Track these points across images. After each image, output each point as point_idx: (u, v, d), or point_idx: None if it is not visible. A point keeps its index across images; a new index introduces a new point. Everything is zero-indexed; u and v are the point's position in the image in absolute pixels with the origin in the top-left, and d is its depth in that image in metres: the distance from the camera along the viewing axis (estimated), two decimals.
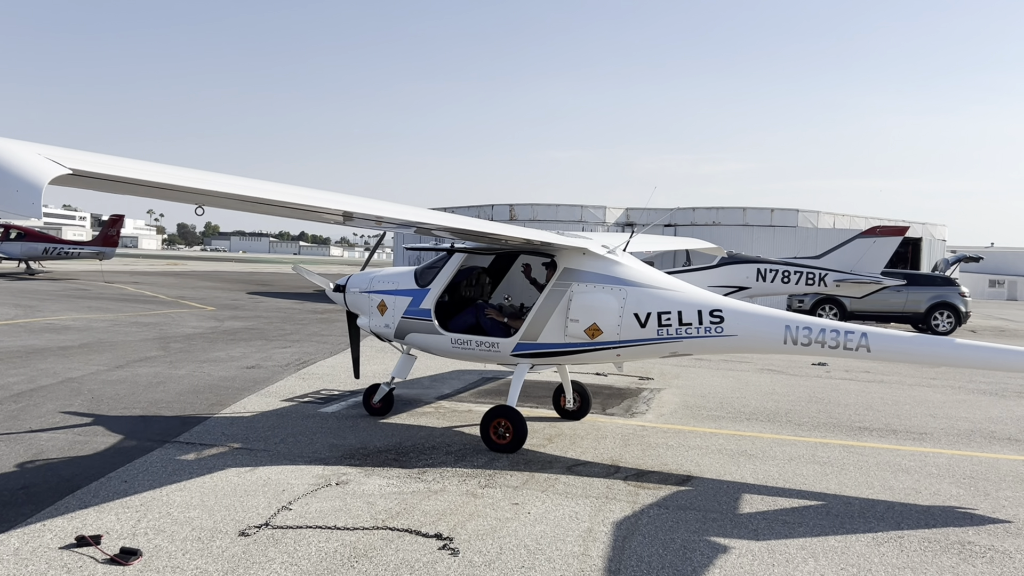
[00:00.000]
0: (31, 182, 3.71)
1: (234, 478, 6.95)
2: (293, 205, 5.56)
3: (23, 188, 3.69)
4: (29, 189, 3.70)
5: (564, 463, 7.82)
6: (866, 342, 7.45)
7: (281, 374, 12.58)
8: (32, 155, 3.91)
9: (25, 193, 3.68)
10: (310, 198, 5.79)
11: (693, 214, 33.68)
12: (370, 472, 7.29)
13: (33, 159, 3.86)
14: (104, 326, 18.65)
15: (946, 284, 26.90)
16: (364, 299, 9.49)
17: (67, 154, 4.08)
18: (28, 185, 3.70)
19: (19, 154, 3.86)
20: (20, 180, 3.70)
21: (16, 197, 3.69)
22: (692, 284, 8.53)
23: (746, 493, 7.03)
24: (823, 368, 15.47)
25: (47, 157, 3.94)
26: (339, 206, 6.07)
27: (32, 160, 3.85)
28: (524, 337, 8.41)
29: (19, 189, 3.70)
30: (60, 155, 4.03)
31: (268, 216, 7.05)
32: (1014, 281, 71.39)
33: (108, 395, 10.40)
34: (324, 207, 5.93)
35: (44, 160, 3.90)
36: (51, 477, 6.83)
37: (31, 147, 4.02)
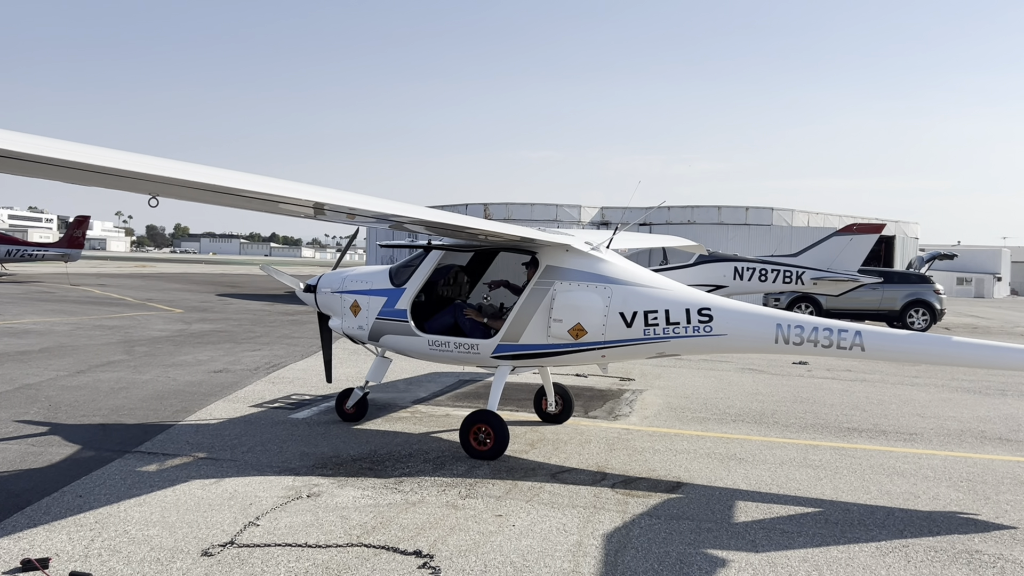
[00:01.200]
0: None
1: (198, 491, 6.51)
2: (257, 195, 5.09)
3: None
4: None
5: (548, 470, 7.46)
6: (860, 341, 7.16)
7: (250, 378, 12.11)
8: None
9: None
10: (276, 187, 5.30)
11: (668, 213, 33.49)
12: (343, 483, 6.88)
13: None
14: (67, 329, 18.03)
15: (921, 282, 26.89)
16: (336, 299, 9.07)
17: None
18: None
19: None
20: None
21: None
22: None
23: (739, 500, 6.71)
24: (804, 367, 15.25)
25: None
26: (309, 196, 5.65)
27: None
28: (505, 338, 8.04)
29: None
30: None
31: (238, 216, 6.60)
32: (981, 279, 72.12)
33: (66, 402, 9.89)
34: (292, 197, 5.50)
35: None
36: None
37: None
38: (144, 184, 4.43)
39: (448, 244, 8.52)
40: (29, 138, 3.68)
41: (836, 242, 21.44)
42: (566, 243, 8.02)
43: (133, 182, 4.31)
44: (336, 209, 6.10)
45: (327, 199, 5.81)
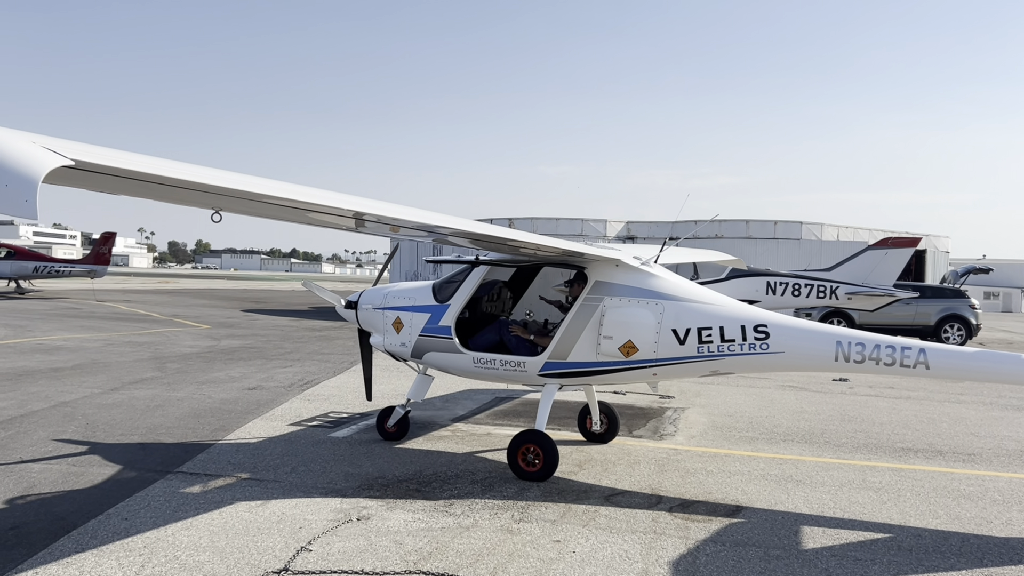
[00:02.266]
0: (25, 175, 3.06)
1: (245, 514, 6.33)
2: (298, 204, 4.87)
3: (15, 182, 3.04)
4: (23, 183, 3.04)
5: (601, 492, 7.23)
6: (925, 359, 6.90)
7: (285, 396, 11.95)
8: (26, 143, 3.26)
9: (18, 188, 3.03)
10: (315, 196, 5.11)
11: (695, 227, 33.18)
12: (392, 505, 6.68)
13: (27, 148, 3.21)
14: (97, 346, 17.99)
15: (956, 296, 26.44)
16: (378, 316, 8.90)
17: (68, 144, 3.47)
18: (21, 178, 3.05)
19: (10, 142, 3.20)
20: (11, 172, 3.05)
21: (5, 193, 3.04)
22: None
23: (804, 525, 6.45)
24: (846, 384, 14.92)
25: (44, 146, 3.32)
26: (349, 206, 5.39)
27: (26, 149, 3.20)
28: (552, 356, 7.84)
29: (9, 183, 3.05)
30: (60, 145, 3.41)
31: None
32: (1009, 293, 71.15)
33: (103, 420, 9.77)
34: (332, 206, 5.24)
35: (40, 149, 3.26)
36: (44, 515, 6.20)
37: (24, 135, 3.39)
38: (208, 197, 4.30)
39: (495, 259, 8.33)
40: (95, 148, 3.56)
41: (871, 256, 21.09)
42: (616, 258, 7.81)
43: (198, 195, 4.18)
44: (377, 219, 5.87)
45: (367, 209, 5.59)
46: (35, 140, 3.35)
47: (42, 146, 3.30)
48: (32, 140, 3.34)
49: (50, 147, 3.32)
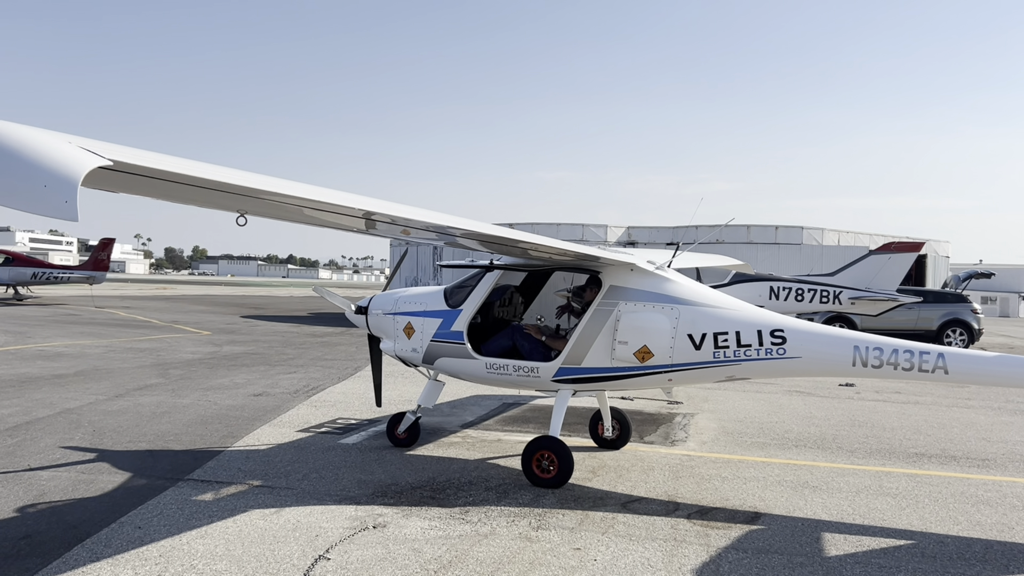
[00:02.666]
0: (64, 176, 2.98)
1: (259, 522, 6.25)
2: (305, 202, 4.70)
3: (54, 183, 2.96)
4: (62, 184, 2.96)
5: (617, 499, 7.16)
6: (943, 363, 6.84)
7: (291, 402, 11.87)
8: (63, 144, 3.19)
9: (57, 189, 2.95)
10: (325, 196, 4.92)
11: (696, 232, 33.14)
12: (408, 512, 6.60)
13: (65, 148, 3.13)
14: (99, 352, 17.89)
15: (958, 301, 26.41)
16: (389, 321, 8.83)
17: (103, 145, 3.39)
18: (60, 179, 2.97)
19: (47, 143, 3.13)
20: (50, 173, 2.97)
21: (44, 195, 2.95)
22: None
23: (825, 532, 6.38)
24: (852, 389, 14.86)
25: (80, 147, 3.24)
26: (360, 205, 5.26)
27: (64, 149, 3.12)
28: (566, 361, 7.76)
29: (48, 184, 2.96)
30: (96, 145, 3.34)
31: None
32: (1006, 298, 71.23)
33: (110, 427, 9.68)
34: (341, 205, 5.11)
35: (78, 150, 3.19)
36: (56, 524, 6.12)
37: (60, 136, 3.32)
38: (240, 199, 4.22)
39: (509, 263, 8.26)
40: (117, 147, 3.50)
41: (874, 261, 21.05)
42: (631, 262, 7.75)
43: (229, 198, 4.11)
44: (389, 220, 5.77)
45: (378, 208, 5.47)
46: (71, 140, 3.28)
47: (79, 146, 3.23)
48: (68, 140, 3.27)
49: (87, 147, 3.25)
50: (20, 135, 3.13)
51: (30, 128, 3.27)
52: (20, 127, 3.21)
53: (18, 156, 3.02)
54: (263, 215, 4.91)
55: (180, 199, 4.18)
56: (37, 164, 3.04)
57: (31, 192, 2.99)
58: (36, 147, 3.09)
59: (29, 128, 3.26)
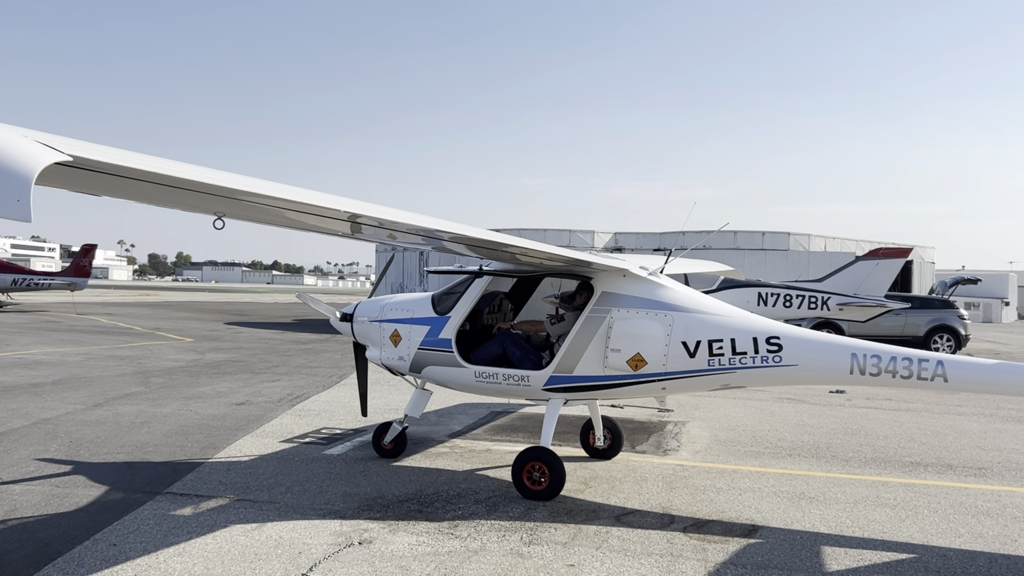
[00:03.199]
0: (16, 172, 2.72)
1: (240, 538, 6.01)
2: (288, 204, 4.45)
3: (5, 180, 2.71)
4: (14, 181, 2.71)
5: (610, 512, 6.95)
6: (943, 371, 6.68)
7: (275, 411, 11.61)
8: (17, 137, 2.94)
9: (8, 187, 2.70)
10: (308, 197, 4.67)
11: (683, 238, 33.04)
12: (395, 527, 6.38)
13: (19, 142, 2.88)
14: (78, 360, 17.55)
15: (945, 307, 26.41)
16: (375, 329, 8.60)
17: (64, 140, 3.15)
18: (12, 176, 2.71)
19: (1, 137, 2.89)
20: (1, 169, 2.74)
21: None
22: None
23: (824, 545, 6.20)
24: (843, 396, 14.73)
25: (37, 141, 2.99)
26: (344, 207, 4.96)
27: (18, 143, 2.86)
28: (558, 369, 7.57)
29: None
30: (55, 140, 3.09)
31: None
32: (989, 303, 71.54)
33: (87, 438, 9.40)
34: (326, 207, 4.82)
35: (33, 144, 2.93)
36: (27, 541, 5.86)
37: (15, 129, 3.07)
38: (211, 199, 3.97)
39: (499, 269, 8.06)
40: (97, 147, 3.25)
41: (862, 267, 21.01)
42: (624, 267, 7.57)
43: (200, 197, 3.86)
44: (376, 223, 5.51)
45: (363, 211, 5.21)
46: (27, 134, 3.03)
47: (35, 140, 2.99)
48: (24, 134, 3.02)
49: (44, 142, 3.00)
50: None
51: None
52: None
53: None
54: (244, 218, 4.67)
55: (149, 199, 3.94)
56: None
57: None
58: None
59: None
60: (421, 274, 35.48)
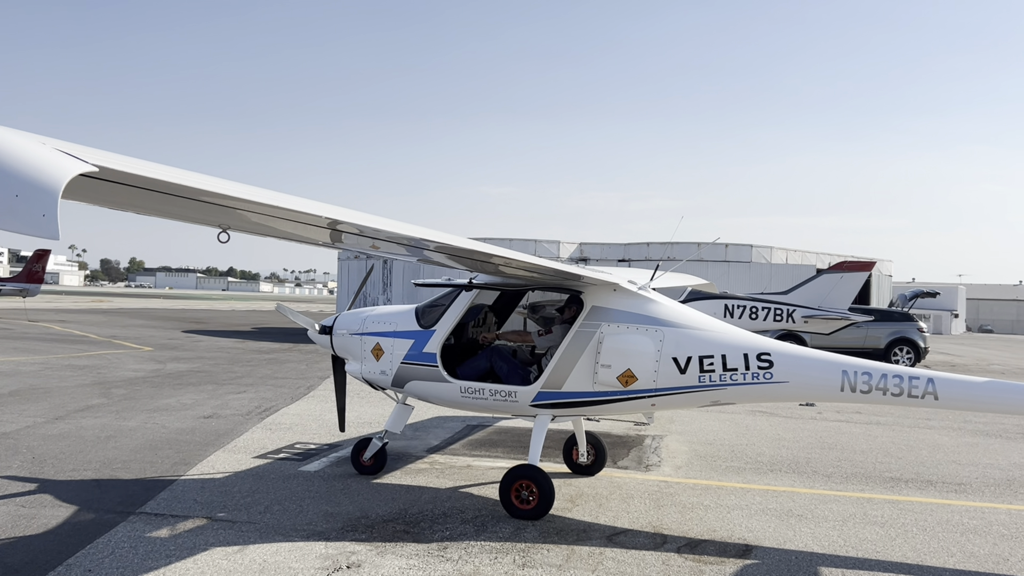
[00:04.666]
0: (42, 184, 2.44)
1: (222, 561, 5.76)
2: (267, 208, 4.13)
3: (29, 193, 2.44)
4: (39, 194, 2.44)
5: (601, 532, 6.81)
6: (933, 389, 6.66)
7: (244, 425, 11.29)
8: (37, 145, 2.67)
9: (32, 200, 2.43)
10: (286, 202, 4.30)
11: (648, 249, 33.21)
12: (382, 549, 6.17)
13: (40, 151, 2.61)
14: (34, 369, 16.99)
15: (904, 320, 26.80)
16: (355, 342, 8.37)
17: (85, 149, 2.88)
18: (37, 188, 2.44)
19: (18, 144, 2.58)
20: (23, 180, 2.43)
21: (16, 206, 2.42)
22: None
23: (820, 565, 6.13)
24: (814, 409, 14.80)
25: (59, 150, 2.73)
26: (325, 213, 4.68)
27: (40, 153, 2.59)
28: (546, 385, 7.42)
29: (21, 193, 2.44)
30: (77, 150, 2.83)
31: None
32: (939, 316, 72.98)
33: (51, 454, 9.02)
34: (305, 212, 4.49)
35: (56, 153, 2.67)
36: None
37: (34, 137, 2.80)
38: (233, 213, 3.72)
39: (489, 282, 7.88)
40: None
41: (826, 280, 21.20)
42: (614, 282, 7.45)
43: (220, 211, 3.62)
44: (354, 231, 5.22)
45: (344, 217, 4.87)
46: (45, 142, 2.77)
47: (56, 149, 2.72)
48: (42, 141, 2.76)
49: (65, 150, 2.74)
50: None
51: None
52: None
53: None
54: (246, 230, 4.44)
55: (162, 212, 3.71)
56: (6, 169, 2.52)
57: (1, 204, 2.46)
58: (5, 148, 2.56)
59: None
60: (384, 283, 35.14)
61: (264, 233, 5.24)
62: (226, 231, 4.13)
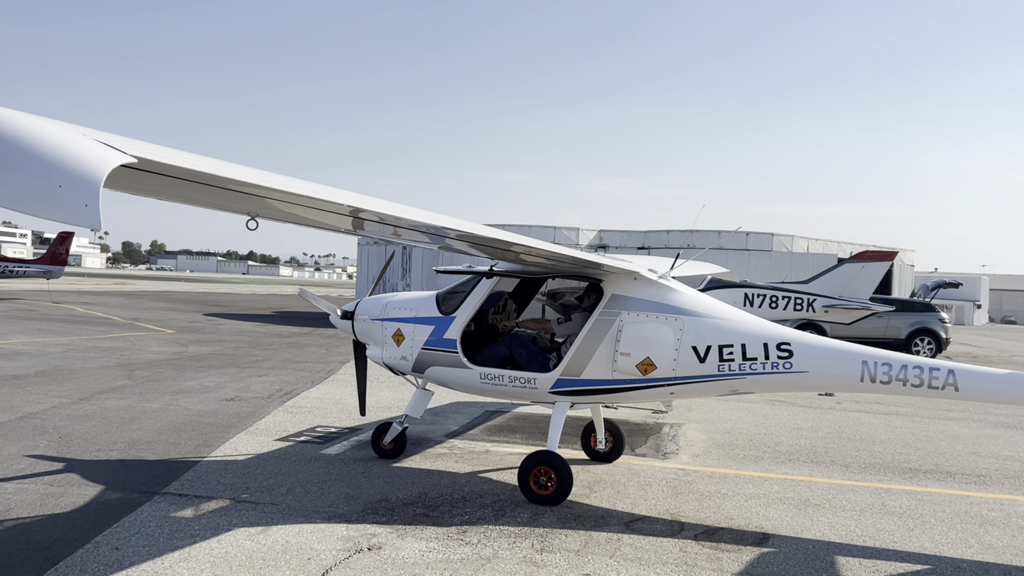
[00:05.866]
0: (84, 174, 2.52)
1: (246, 542, 5.86)
2: (290, 196, 4.18)
3: (72, 183, 2.51)
4: (81, 185, 2.51)
5: (619, 518, 6.87)
6: (954, 380, 6.65)
7: (266, 407, 11.42)
8: (78, 136, 2.74)
9: (75, 191, 2.50)
10: (309, 190, 4.36)
11: (668, 237, 33.10)
12: (402, 532, 6.25)
13: (81, 142, 2.68)
14: (59, 351, 17.22)
15: (926, 310, 26.60)
16: (377, 327, 8.45)
17: (122, 140, 2.95)
18: (79, 179, 2.51)
19: (60, 135, 2.65)
20: (66, 171, 2.51)
21: (59, 196, 2.49)
22: None
23: (837, 555, 6.15)
24: (833, 399, 14.76)
25: (99, 141, 2.80)
26: (347, 201, 4.71)
27: (81, 144, 2.66)
28: (565, 372, 7.46)
29: (64, 184, 2.51)
30: (115, 140, 2.90)
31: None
32: (961, 306, 72.37)
33: (77, 434, 9.18)
34: (327, 200, 4.52)
35: (96, 144, 2.74)
36: (26, 544, 5.67)
37: (72, 127, 2.87)
38: (263, 202, 3.79)
39: (509, 270, 7.93)
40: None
41: (848, 269, 21.08)
42: (634, 270, 7.48)
43: (253, 200, 3.68)
44: (376, 219, 5.28)
45: (366, 205, 4.93)
46: (86, 133, 2.84)
47: (96, 140, 2.79)
48: (82, 132, 2.83)
49: (106, 142, 2.81)
50: (27, 125, 2.67)
51: (38, 117, 2.81)
52: (26, 116, 2.76)
53: (26, 150, 2.55)
54: (273, 218, 4.51)
55: (194, 201, 3.78)
56: (50, 160, 2.58)
57: (43, 193, 2.52)
58: (48, 140, 2.62)
59: (37, 117, 2.80)
60: (404, 269, 35.26)
61: (289, 220, 5.30)
62: (255, 218, 4.21)
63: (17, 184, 2.55)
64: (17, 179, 2.54)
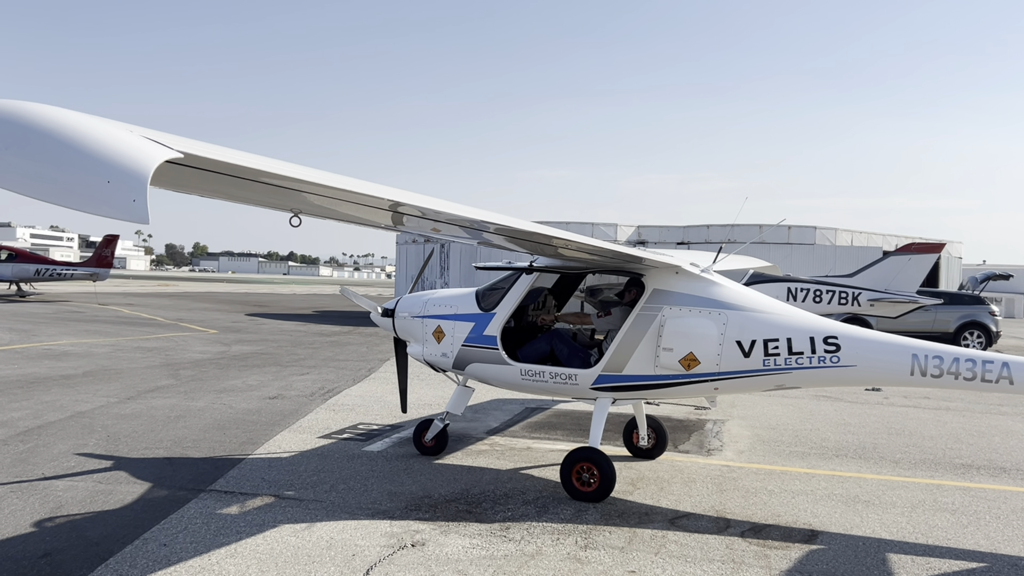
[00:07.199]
0: (132, 170, 2.54)
1: (291, 538, 5.90)
2: (332, 191, 4.17)
3: (120, 179, 2.53)
4: (129, 180, 2.53)
5: (663, 515, 6.79)
6: (1008, 373, 6.47)
7: (308, 405, 11.50)
8: (124, 132, 2.77)
9: (123, 186, 2.52)
10: (350, 184, 4.38)
11: (708, 231, 32.79)
12: (446, 528, 6.24)
13: (128, 138, 2.70)
14: (106, 351, 17.53)
15: (975, 303, 26.02)
16: (417, 324, 8.46)
17: (170, 137, 2.97)
18: (127, 174, 2.53)
19: (107, 132, 2.68)
20: (114, 167, 2.54)
21: (108, 192, 2.51)
22: None
23: (889, 553, 6.02)
24: (880, 394, 14.49)
25: (146, 137, 2.81)
26: (387, 195, 4.73)
27: (128, 140, 2.68)
28: (607, 368, 7.40)
29: (113, 180, 2.53)
30: (162, 137, 2.92)
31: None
32: (1011, 299, 70.70)
33: (124, 432, 9.32)
34: (368, 195, 4.53)
35: (143, 140, 2.76)
36: (77, 540, 5.76)
37: (118, 124, 2.89)
38: (306, 197, 3.80)
39: (549, 265, 7.88)
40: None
41: (894, 262, 20.70)
42: (676, 264, 7.39)
43: (297, 196, 3.69)
44: (416, 213, 5.25)
45: (406, 199, 4.92)
46: (132, 130, 2.86)
47: (143, 136, 2.81)
48: (129, 129, 2.85)
49: (153, 138, 2.83)
50: (75, 122, 2.70)
51: (85, 115, 2.83)
52: (74, 114, 2.79)
53: (74, 147, 2.58)
54: (314, 214, 4.52)
55: (238, 197, 3.80)
56: (98, 156, 2.61)
57: (92, 189, 2.55)
58: (95, 136, 2.64)
59: (84, 115, 2.83)
60: (442, 266, 35.35)
61: (330, 216, 5.32)
62: (297, 215, 4.22)
63: (66, 181, 2.58)
64: (66, 176, 2.58)
